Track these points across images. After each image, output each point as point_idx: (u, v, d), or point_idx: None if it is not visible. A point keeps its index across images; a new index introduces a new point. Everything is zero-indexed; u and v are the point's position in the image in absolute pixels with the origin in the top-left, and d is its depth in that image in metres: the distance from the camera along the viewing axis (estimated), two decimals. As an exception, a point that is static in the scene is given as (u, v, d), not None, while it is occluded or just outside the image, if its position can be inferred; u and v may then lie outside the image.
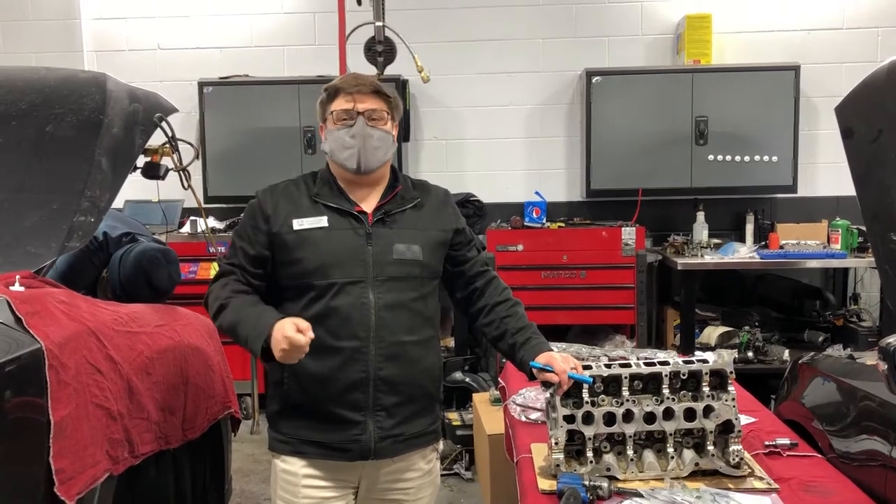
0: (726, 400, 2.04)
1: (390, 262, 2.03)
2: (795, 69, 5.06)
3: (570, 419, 2.01)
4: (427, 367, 2.09)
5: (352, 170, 2.06)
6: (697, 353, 2.09)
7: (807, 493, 1.95)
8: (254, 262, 2.07)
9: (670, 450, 2.03)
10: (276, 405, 2.10)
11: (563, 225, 5.11)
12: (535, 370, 2.01)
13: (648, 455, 2.03)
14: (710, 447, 2.02)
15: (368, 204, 2.10)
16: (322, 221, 2.05)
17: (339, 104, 2.06)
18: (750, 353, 4.80)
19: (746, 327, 4.92)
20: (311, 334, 1.84)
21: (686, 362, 2.07)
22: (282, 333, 1.83)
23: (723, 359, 2.07)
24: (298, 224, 2.04)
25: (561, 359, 2.00)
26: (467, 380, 4.69)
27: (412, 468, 2.14)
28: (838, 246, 4.89)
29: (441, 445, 2.27)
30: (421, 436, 2.12)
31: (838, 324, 5.10)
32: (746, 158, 5.06)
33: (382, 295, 2.01)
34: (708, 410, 2.03)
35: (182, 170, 2.92)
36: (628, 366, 2.06)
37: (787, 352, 4.79)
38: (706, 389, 2.04)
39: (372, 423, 2.02)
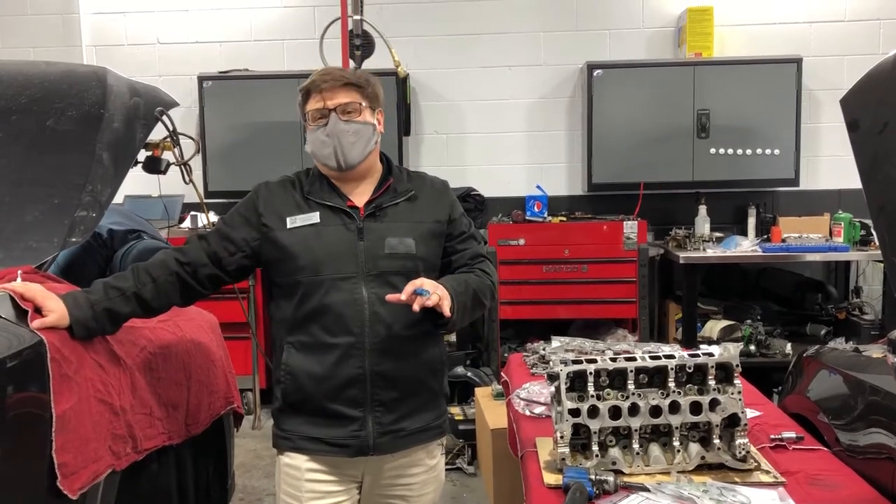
0: (732, 393, 2.03)
1: (382, 257, 2.01)
2: (797, 62, 5.05)
3: (575, 413, 2.00)
4: (426, 361, 2.08)
5: (333, 168, 2.06)
6: (703, 346, 2.08)
7: (813, 487, 1.94)
8: (223, 242, 2.05)
9: (676, 443, 2.02)
10: (277, 402, 2.10)
11: (564, 219, 5.09)
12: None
13: (654, 449, 2.03)
14: (716, 441, 2.01)
15: (360, 198, 2.08)
16: (313, 218, 2.04)
17: (312, 104, 2.06)
18: (752, 347, 4.79)
19: (748, 321, 4.91)
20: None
21: (692, 356, 2.07)
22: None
23: (729, 352, 2.06)
24: (291, 222, 2.04)
25: (425, 281, 1.89)
26: (469, 374, 4.69)
27: (416, 464, 2.13)
28: (841, 239, 4.87)
29: (445, 441, 2.26)
30: (424, 431, 2.10)
31: (840, 317, 5.10)
32: (748, 152, 5.05)
33: (376, 290, 1.99)
34: (714, 404, 2.02)
35: (183, 164, 2.90)
36: (634, 359, 2.05)
37: (789, 345, 4.78)
38: (712, 383, 2.04)
39: (371, 419, 2.01)
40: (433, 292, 1.86)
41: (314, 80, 2.06)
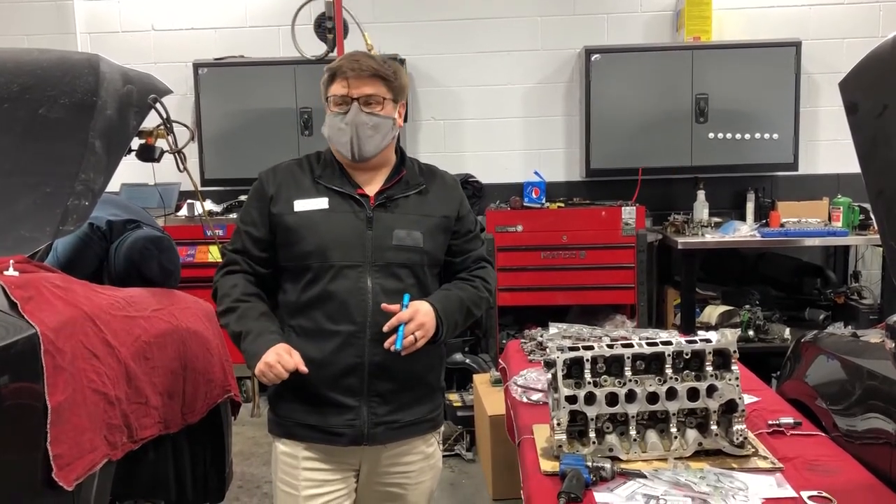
0: (730, 379, 2.02)
1: (389, 248, 2.01)
2: (796, 45, 5.01)
3: (572, 400, 2.00)
4: (425, 355, 2.05)
5: (347, 157, 2.05)
6: (700, 332, 2.07)
7: (811, 472, 1.94)
8: (260, 245, 2.07)
9: (673, 430, 2.02)
10: (274, 387, 2.09)
11: (562, 205, 5.06)
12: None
13: (651, 435, 2.02)
14: (714, 427, 2.01)
15: (371, 187, 2.07)
16: (323, 203, 2.03)
17: (336, 89, 2.03)
18: (750, 332, 4.78)
19: (747, 306, 4.90)
20: (302, 368, 1.91)
21: (689, 342, 2.06)
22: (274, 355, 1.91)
23: (726, 338, 2.06)
24: (299, 206, 2.03)
25: (416, 314, 1.93)
26: (467, 361, 4.69)
27: (413, 452, 2.13)
28: (839, 224, 4.86)
29: (442, 429, 2.25)
30: (418, 423, 2.10)
31: (839, 302, 5.08)
32: (747, 136, 5.02)
33: (380, 280, 1.99)
34: (711, 390, 2.02)
35: (177, 152, 2.89)
36: (631, 346, 2.05)
37: (787, 330, 4.78)
38: (709, 369, 2.03)
39: (366, 409, 2.01)
40: (407, 336, 1.91)
41: (341, 64, 2.02)
